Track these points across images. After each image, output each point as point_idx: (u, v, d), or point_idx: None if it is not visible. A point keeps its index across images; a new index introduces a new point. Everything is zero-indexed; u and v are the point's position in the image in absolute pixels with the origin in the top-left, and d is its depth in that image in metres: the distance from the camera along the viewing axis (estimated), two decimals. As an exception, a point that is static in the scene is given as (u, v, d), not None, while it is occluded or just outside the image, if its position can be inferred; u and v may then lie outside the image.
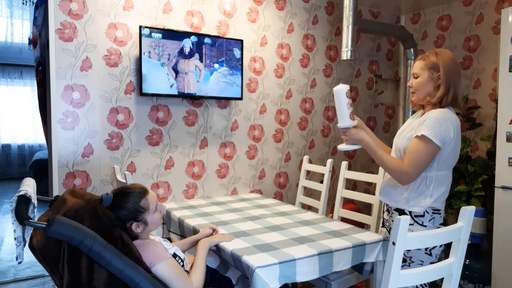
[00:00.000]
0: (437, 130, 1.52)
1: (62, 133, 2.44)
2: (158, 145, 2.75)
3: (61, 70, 2.42)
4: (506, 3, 3.08)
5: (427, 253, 1.59)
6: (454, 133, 1.55)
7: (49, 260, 1.25)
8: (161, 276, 1.36)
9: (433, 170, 1.58)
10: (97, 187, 2.56)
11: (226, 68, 2.84)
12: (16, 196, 1.21)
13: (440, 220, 1.63)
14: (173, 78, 2.63)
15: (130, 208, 1.41)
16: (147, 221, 1.45)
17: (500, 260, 2.41)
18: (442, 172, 1.59)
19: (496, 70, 3.16)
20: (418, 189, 1.60)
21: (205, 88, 2.77)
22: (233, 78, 2.88)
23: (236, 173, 3.09)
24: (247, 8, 3.06)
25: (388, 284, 1.17)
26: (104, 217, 1.31)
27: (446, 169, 1.60)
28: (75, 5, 2.44)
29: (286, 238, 1.79)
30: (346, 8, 2.87)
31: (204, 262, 1.58)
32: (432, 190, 1.59)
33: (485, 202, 2.88)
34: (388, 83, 3.94)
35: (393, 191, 1.69)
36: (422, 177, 1.59)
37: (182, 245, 1.78)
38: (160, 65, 2.59)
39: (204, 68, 2.74)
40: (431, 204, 1.59)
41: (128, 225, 1.42)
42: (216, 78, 2.80)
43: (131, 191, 1.44)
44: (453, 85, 1.58)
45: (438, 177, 1.59)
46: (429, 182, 1.59)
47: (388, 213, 1.78)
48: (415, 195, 1.61)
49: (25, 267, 3.16)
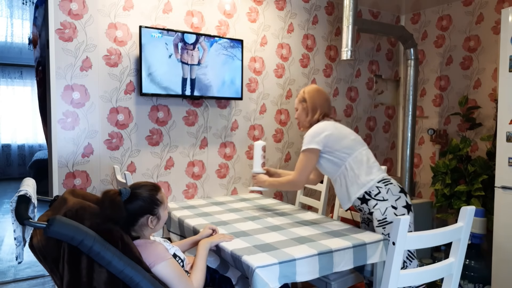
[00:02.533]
0: (309, 140, 2.00)
1: (62, 133, 2.44)
2: (158, 145, 2.75)
3: (61, 70, 2.42)
4: (506, 3, 3.08)
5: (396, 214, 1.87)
6: (327, 131, 1.99)
7: (49, 260, 1.25)
8: (161, 276, 1.36)
9: (342, 162, 1.98)
10: (97, 187, 2.56)
11: (226, 40, 2.84)
12: (16, 196, 1.21)
13: (396, 188, 1.94)
14: (178, 53, 2.64)
15: (148, 200, 1.45)
16: (160, 216, 1.49)
17: (500, 260, 2.41)
18: (347, 157, 1.97)
19: (496, 70, 3.16)
20: (347, 178, 1.98)
21: (206, 60, 2.76)
22: (233, 50, 2.87)
23: (236, 173, 3.09)
24: (247, 8, 3.06)
25: (388, 284, 1.18)
26: (118, 211, 1.33)
27: (348, 153, 1.98)
28: (75, 5, 2.44)
29: (286, 238, 1.79)
30: (346, 8, 2.87)
31: (204, 263, 1.58)
32: (356, 171, 1.95)
33: (485, 202, 2.88)
34: (388, 83, 3.95)
35: (340, 196, 2.04)
36: (340, 172, 1.99)
37: (182, 245, 1.78)
38: (163, 39, 2.59)
39: (207, 47, 2.75)
40: (367, 181, 1.93)
41: (144, 219, 1.43)
42: (216, 50, 2.80)
43: (148, 184, 1.51)
44: (319, 107, 2.10)
45: (350, 163, 1.96)
46: (346, 170, 1.97)
47: (360, 211, 2.08)
48: (349, 183, 1.97)
49: (25, 267, 3.16)
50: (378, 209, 1.89)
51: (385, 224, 1.88)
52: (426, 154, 3.76)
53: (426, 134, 3.75)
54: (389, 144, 3.97)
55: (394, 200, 1.90)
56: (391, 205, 1.89)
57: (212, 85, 2.81)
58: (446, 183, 3.05)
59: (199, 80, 2.76)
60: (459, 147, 3.07)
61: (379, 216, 1.89)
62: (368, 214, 2.00)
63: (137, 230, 1.44)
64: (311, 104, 2.11)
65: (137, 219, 1.43)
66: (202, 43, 2.72)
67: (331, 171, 2.04)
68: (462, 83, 3.43)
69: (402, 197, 1.92)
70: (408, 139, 3.36)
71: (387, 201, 1.89)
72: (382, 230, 1.89)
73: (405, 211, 1.90)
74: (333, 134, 1.99)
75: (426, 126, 3.75)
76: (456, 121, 3.48)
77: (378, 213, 1.90)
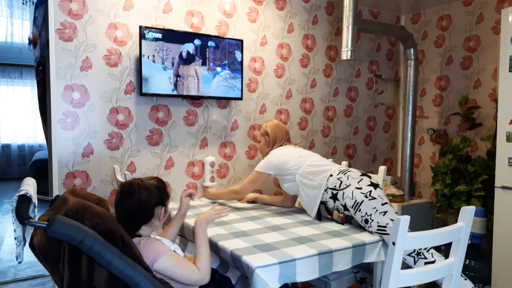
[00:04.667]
0: (263, 166, 2.33)
1: (62, 133, 2.44)
2: (158, 145, 2.75)
3: (61, 70, 2.42)
4: (506, 3, 3.08)
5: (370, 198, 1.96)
6: (276, 159, 2.31)
7: (50, 260, 1.26)
8: (164, 269, 1.37)
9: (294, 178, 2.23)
10: (97, 187, 2.56)
11: (228, 72, 2.85)
12: (17, 195, 1.21)
13: (356, 173, 2.08)
14: (173, 83, 2.64)
15: (162, 190, 1.52)
16: (167, 209, 1.55)
17: (500, 260, 2.41)
18: (296, 171, 2.22)
19: (496, 70, 3.16)
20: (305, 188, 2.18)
21: (207, 91, 2.79)
22: (234, 81, 2.89)
23: (236, 173, 3.09)
24: (247, 8, 3.06)
25: (388, 284, 1.18)
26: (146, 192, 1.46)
27: (297, 168, 2.22)
28: (75, 5, 2.44)
29: (286, 238, 1.79)
30: (346, 8, 2.87)
31: (207, 246, 1.53)
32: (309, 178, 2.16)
33: (485, 202, 2.88)
34: (388, 83, 3.95)
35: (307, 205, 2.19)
36: (297, 186, 2.22)
37: (170, 231, 1.78)
38: (162, 68, 2.59)
39: (201, 74, 2.74)
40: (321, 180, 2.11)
41: (157, 209, 1.50)
42: (218, 82, 2.82)
43: (156, 177, 1.58)
44: (278, 139, 2.44)
45: (301, 174, 2.20)
46: (301, 182, 2.20)
47: (339, 212, 2.16)
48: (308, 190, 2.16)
49: (25, 267, 3.16)
50: (347, 197, 1.99)
51: (358, 206, 1.95)
52: (426, 154, 3.76)
53: (426, 134, 3.75)
54: (389, 144, 3.97)
55: (357, 182, 2.01)
56: (355, 187, 1.99)
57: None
58: (446, 183, 3.05)
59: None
60: (459, 147, 3.07)
61: (350, 202, 1.97)
62: (344, 209, 2.05)
63: (149, 223, 1.49)
64: (272, 137, 2.45)
65: (154, 208, 1.48)
66: (196, 69, 2.71)
67: (292, 188, 2.28)
68: (462, 83, 3.43)
69: (365, 178, 2.04)
70: (408, 139, 3.36)
71: (351, 186, 2.00)
72: (359, 213, 1.94)
73: (371, 188, 1.99)
74: (280, 160, 2.29)
75: (426, 126, 3.75)
76: (456, 121, 3.48)
77: (349, 200, 1.98)
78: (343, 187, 2.02)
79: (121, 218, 1.45)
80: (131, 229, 1.44)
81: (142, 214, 1.45)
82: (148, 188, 1.48)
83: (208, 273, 1.45)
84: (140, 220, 1.47)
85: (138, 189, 1.46)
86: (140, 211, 1.45)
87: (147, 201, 1.46)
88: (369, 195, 1.95)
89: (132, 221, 1.46)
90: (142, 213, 1.45)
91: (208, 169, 2.77)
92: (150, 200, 1.46)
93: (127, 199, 1.46)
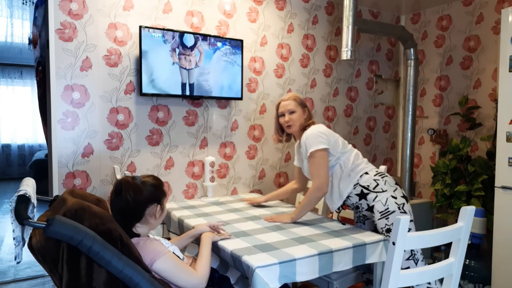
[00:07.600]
0: (313, 141, 1.99)
1: (62, 133, 2.44)
2: (158, 145, 2.75)
3: (61, 70, 2.42)
4: (506, 3, 3.08)
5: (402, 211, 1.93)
6: (326, 130, 2.05)
7: (49, 260, 1.25)
8: (163, 270, 1.37)
9: (337, 162, 2.03)
10: (97, 187, 2.56)
11: (229, 47, 2.85)
12: (16, 196, 1.20)
13: (392, 180, 2.02)
14: (175, 56, 2.65)
15: (158, 188, 1.51)
16: (164, 208, 1.54)
17: (500, 260, 2.41)
18: (342, 156, 2.03)
19: (496, 70, 3.16)
20: (339, 176, 2.03)
21: (207, 66, 2.78)
22: (234, 57, 2.89)
23: (236, 173, 3.09)
24: (247, 8, 3.06)
25: (388, 284, 1.17)
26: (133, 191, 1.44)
27: (343, 152, 2.04)
28: (75, 5, 2.44)
29: (286, 238, 1.79)
30: (346, 8, 2.86)
31: (209, 251, 1.58)
32: (349, 166, 2.02)
33: (485, 202, 2.88)
34: (388, 83, 3.94)
35: (330, 198, 2.07)
36: (331, 172, 2.04)
37: (180, 242, 1.77)
38: (162, 41, 2.60)
39: (204, 49, 2.76)
40: (359, 177, 2.00)
41: (152, 207, 1.48)
42: (218, 57, 2.82)
43: (152, 175, 1.57)
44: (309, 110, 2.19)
45: (344, 161, 2.03)
46: (340, 168, 2.03)
47: (356, 209, 2.10)
48: (341, 180, 2.02)
49: (25, 267, 3.16)
50: (379, 201, 1.94)
51: (388, 214, 1.92)
52: (426, 154, 3.75)
53: (426, 134, 3.75)
54: (389, 144, 3.97)
55: (392, 191, 1.96)
56: (391, 195, 1.95)
57: (212, 90, 2.82)
58: (446, 183, 3.05)
59: (199, 86, 2.76)
60: (459, 147, 3.07)
61: (381, 208, 1.93)
62: (366, 210, 2.02)
63: (143, 221, 1.48)
64: (309, 110, 2.20)
65: (147, 206, 1.47)
66: (199, 47, 2.73)
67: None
68: (462, 83, 3.43)
69: (399, 188, 2.01)
70: (408, 139, 3.36)
71: (387, 192, 1.95)
72: (385, 221, 1.91)
73: (404, 201, 1.96)
74: (332, 134, 2.07)
75: (426, 126, 3.75)
76: (456, 121, 3.48)
77: (380, 204, 1.94)
78: (379, 190, 1.96)
79: (116, 217, 1.45)
80: (126, 227, 1.44)
81: (131, 212, 1.45)
82: (136, 186, 1.46)
83: (205, 278, 1.47)
84: (132, 218, 1.46)
85: (126, 188, 1.45)
86: (130, 209, 1.44)
87: (134, 199, 1.44)
88: (402, 207, 1.92)
89: (125, 219, 1.45)
90: (131, 211, 1.44)
91: (208, 169, 2.77)
92: (138, 198, 1.44)
93: (116, 198, 1.46)
